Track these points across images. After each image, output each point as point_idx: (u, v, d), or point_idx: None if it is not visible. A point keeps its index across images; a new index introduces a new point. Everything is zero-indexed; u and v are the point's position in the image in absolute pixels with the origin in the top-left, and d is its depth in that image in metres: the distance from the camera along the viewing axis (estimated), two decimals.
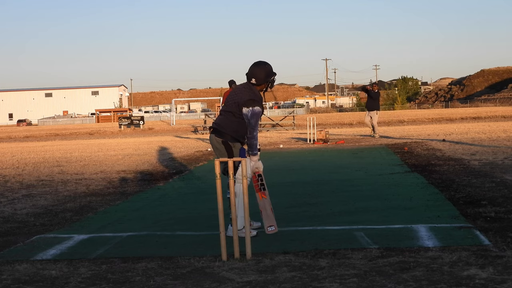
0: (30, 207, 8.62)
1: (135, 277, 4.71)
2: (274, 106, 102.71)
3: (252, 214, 6.18)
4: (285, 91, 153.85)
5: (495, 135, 19.08)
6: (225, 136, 6.12)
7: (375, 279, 4.36)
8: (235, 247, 5.21)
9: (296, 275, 4.55)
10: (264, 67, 6.10)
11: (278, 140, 23.29)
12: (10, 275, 4.92)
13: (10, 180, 12.19)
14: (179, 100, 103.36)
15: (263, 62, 6.16)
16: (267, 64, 6.14)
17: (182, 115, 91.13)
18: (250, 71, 6.10)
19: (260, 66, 6.10)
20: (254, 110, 5.97)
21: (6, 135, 46.93)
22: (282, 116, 46.49)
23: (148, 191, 10.00)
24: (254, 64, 6.13)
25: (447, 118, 42.78)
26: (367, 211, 7.21)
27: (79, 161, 16.02)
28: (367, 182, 9.84)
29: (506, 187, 8.40)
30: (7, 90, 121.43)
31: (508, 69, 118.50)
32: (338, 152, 16.52)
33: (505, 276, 4.29)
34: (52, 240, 6.31)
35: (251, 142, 5.99)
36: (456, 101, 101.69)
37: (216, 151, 6.23)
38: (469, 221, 6.28)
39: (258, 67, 6.10)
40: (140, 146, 21.96)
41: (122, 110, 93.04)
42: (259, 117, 6.04)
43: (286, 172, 11.98)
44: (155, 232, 6.55)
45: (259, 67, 6.09)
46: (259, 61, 6.17)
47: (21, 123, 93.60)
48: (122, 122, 47.46)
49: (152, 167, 13.88)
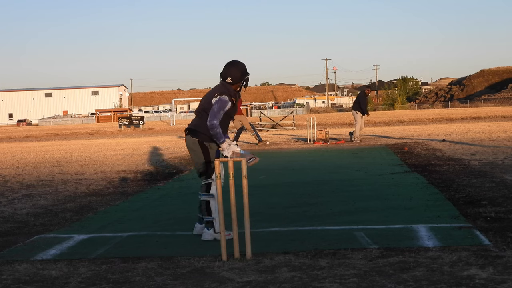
0: (30, 207, 8.62)
1: (135, 277, 4.71)
2: (274, 106, 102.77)
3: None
4: (285, 91, 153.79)
5: (495, 135, 19.08)
6: (200, 135, 6.09)
7: (375, 279, 4.36)
8: (235, 247, 5.21)
9: (296, 275, 4.55)
10: (239, 66, 6.17)
11: (278, 140, 23.29)
12: (10, 275, 4.92)
13: (10, 180, 12.19)
14: (179, 100, 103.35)
15: (237, 61, 6.23)
16: (241, 63, 6.22)
17: (182, 115, 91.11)
18: (225, 71, 6.15)
19: (235, 65, 6.17)
20: (221, 98, 5.99)
21: (6, 135, 46.94)
22: (282, 116, 46.52)
23: (148, 191, 10.00)
24: (229, 63, 6.19)
25: (447, 118, 42.78)
26: (367, 211, 7.21)
27: (79, 161, 16.02)
28: (367, 182, 9.84)
29: (506, 187, 8.40)
30: (7, 90, 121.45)
31: (508, 69, 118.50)
32: (338, 152, 16.52)
33: (505, 276, 4.29)
34: (52, 240, 6.31)
35: (214, 132, 5.90)
36: (456, 101, 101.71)
37: (192, 152, 6.18)
38: (469, 221, 6.28)
39: (233, 66, 6.16)
40: (140, 146, 21.96)
41: (122, 110, 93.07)
42: (224, 106, 5.98)
43: (286, 172, 11.98)
44: (155, 232, 6.55)
45: (234, 66, 6.15)
46: (233, 61, 6.24)
47: (21, 123, 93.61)
48: (122, 122, 47.46)
49: (152, 167, 13.88)
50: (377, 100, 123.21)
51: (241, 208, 5.28)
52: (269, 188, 9.68)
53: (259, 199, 8.40)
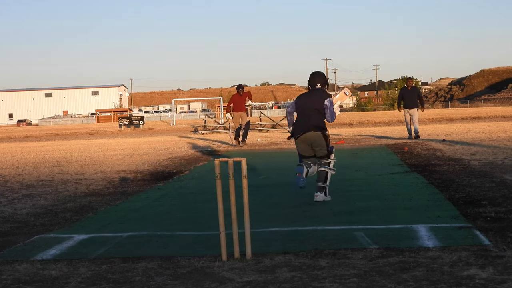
0: (30, 207, 8.62)
1: (135, 277, 4.72)
2: (274, 106, 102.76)
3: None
4: (285, 91, 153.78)
5: (495, 135, 19.08)
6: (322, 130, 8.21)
7: (375, 279, 4.36)
8: (235, 247, 5.21)
9: (296, 275, 4.56)
10: (322, 74, 8.41)
11: (278, 140, 23.30)
12: (10, 275, 4.92)
13: (10, 180, 12.19)
14: (179, 100, 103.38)
15: (318, 71, 8.44)
16: (321, 72, 8.48)
17: (182, 115, 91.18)
18: (313, 80, 8.31)
19: (318, 74, 8.35)
20: (330, 99, 8.26)
21: (6, 135, 46.93)
22: (282, 116, 46.47)
23: (148, 191, 10.00)
24: (313, 74, 8.34)
25: (447, 118, 42.77)
26: (367, 211, 7.21)
27: (79, 161, 16.02)
28: (367, 182, 9.84)
29: (506, 187, 8.40)
30: (7, 90, 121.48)
31: (508, 69, 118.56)
32: (338, 152, 16.49)
33: (505, 276, 4.29)
34: (52, 240, 6.31)
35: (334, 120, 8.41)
36: (456, 101, 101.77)
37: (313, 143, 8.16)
38: (469, 221, 6.28)
39: (317, 76, 8.33)
40: (140, 146, 21.96)
41: (122, 110, 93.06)
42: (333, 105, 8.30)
43: (286, 172, 11.97)
44: (155, 232, 6.55)
45: (318, 76, 8.33)
46: (315, 71, 8.41)
47: (21, 123, 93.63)
48: (122, 122, 47.43)
49: (152, 167, 13.88)
50: (377, 100, 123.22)
51: (241, 208, 5.28)
52: (269, 188, 9.68)
53: (259, 199, 8.40)
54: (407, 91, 20.01)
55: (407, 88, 20.08)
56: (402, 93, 20.28)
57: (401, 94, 20.30)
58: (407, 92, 20.00)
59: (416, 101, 19.99)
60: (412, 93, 19.98)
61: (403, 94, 20.13)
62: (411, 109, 19.85)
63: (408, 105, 19.88)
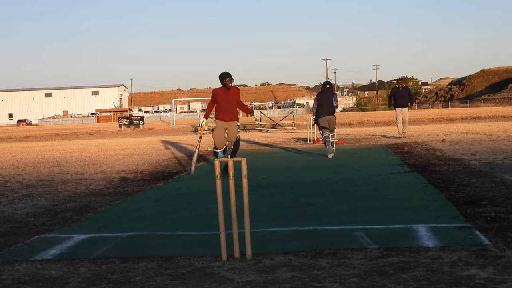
0: (30, 207, 8.62)
1: (135, 277, 4.71)
2: (274, 106, 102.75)
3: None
4: (285, 91, 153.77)
5: (495, 135, 19.08)
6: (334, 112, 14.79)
7: (375, 279, 4.36)
8: (235, 247, 5.21)
9: (296, 275, 4.55)
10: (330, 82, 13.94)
11: (278, 140, 23.29)
12: (10, 275, 4.92)
13: (10, 180, 12.19)
14: (179, 100, 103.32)
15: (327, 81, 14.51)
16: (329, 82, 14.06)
17: (182, 115, 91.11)
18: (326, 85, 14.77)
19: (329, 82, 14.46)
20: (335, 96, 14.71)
21: (6, 135, 46.93)
22: (282, 116, 46.47)
23: (148, 191, 10.00)
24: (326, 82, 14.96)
25: (447, 118, 42.78)
26: (367, 211, 7.21)
27: (79, 161, 16.02)
28: (367, 182, 9.84)
29: (506, 187, 8.40)
30: (7, 90, 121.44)
31: (508, 69, 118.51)
32: (338, 152, 16.50)
33: (505, 276, 4.29)
34: (52, 240, 6.31)
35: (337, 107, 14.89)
36: (456, 101, 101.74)
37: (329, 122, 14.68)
38: (469, 221, 6.28)
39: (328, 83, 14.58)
40: (140, 146, 21.95)
41: (122, 110, 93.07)
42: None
43: (286, 172, 11.98)
44: (155, 232, 6.55)
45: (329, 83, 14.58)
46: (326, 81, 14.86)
47: (21, 123, 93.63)
48: (122, 122, 47.44)
49: (152, 167, 13.88)
50: (377, 100, 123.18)
51: (241, 208, 5.28)
52: (269, 188, 9.67)
53: (259, 199, 8.40)
54: (399, 90, 20.82)
55: (398, 88, 20.85)
56: (393, 92, 21.13)
57: (392, 93, 21.15)
58: (399, 91, 20.79)
59: (407, 101, 20.80)
60: (404, 93, 20.76)
61: (394, 94, 20.98)
62: (403, 108, 20.64)
63: (400, 104, 20.66)
